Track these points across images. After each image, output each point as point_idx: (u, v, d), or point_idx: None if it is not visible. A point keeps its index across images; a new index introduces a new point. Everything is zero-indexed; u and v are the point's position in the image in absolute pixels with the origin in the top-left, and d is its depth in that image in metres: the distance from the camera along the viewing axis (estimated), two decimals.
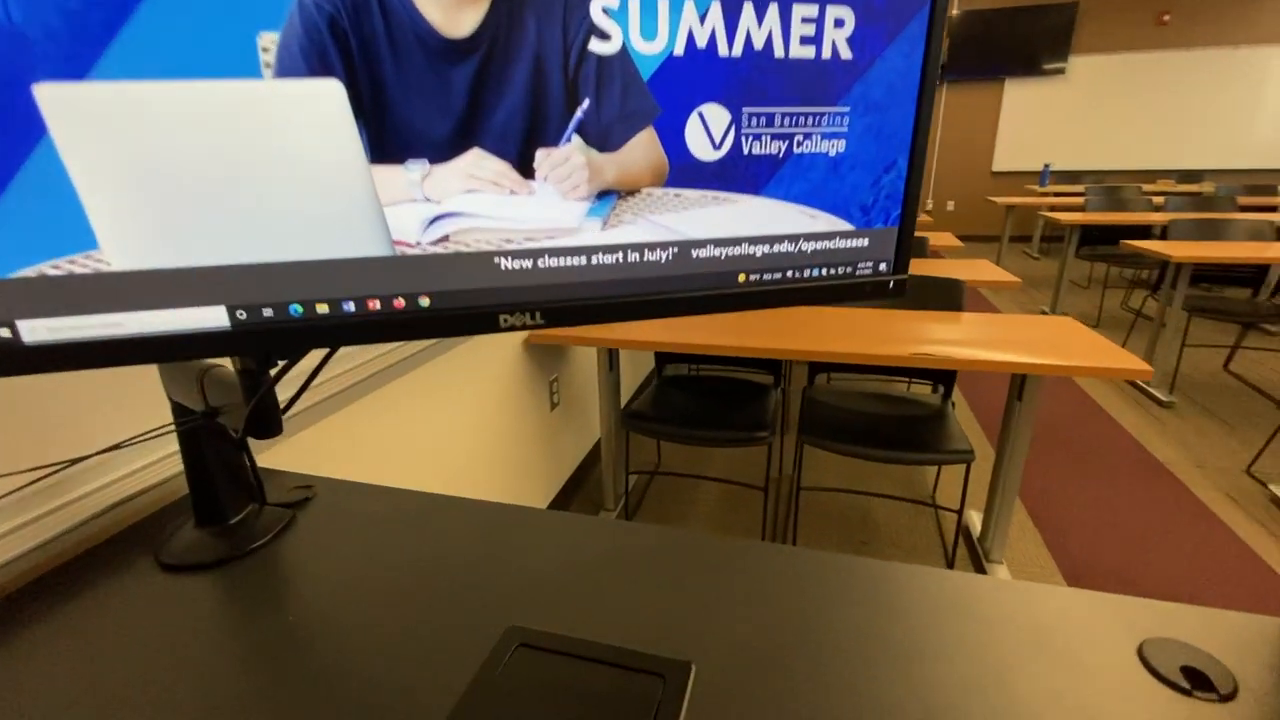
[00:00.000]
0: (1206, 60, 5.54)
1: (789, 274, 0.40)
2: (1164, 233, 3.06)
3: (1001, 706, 0.44)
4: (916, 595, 0.55)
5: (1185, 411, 2.66)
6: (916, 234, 2.53)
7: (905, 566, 0.59)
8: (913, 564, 0.59)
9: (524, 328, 0.36)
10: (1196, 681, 0.46)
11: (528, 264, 0.35)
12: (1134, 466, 2.25)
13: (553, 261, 0.36)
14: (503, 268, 0.35)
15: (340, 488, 0.76)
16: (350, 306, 0.34)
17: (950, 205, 6.42)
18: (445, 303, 0.35)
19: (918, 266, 2.22)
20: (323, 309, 0.34)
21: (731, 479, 2.26)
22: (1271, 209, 3.97)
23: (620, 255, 0.37)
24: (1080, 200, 4.47)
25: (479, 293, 0.35)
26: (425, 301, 0.35)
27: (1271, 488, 2.06)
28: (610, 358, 1.84)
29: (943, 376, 1.89)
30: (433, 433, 1.32)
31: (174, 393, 0.59)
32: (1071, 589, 0.56)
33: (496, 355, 1.56)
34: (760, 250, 0.39)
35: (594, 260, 0.36)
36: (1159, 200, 4.07)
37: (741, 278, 0.39)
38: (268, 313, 0.33)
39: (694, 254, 0.38)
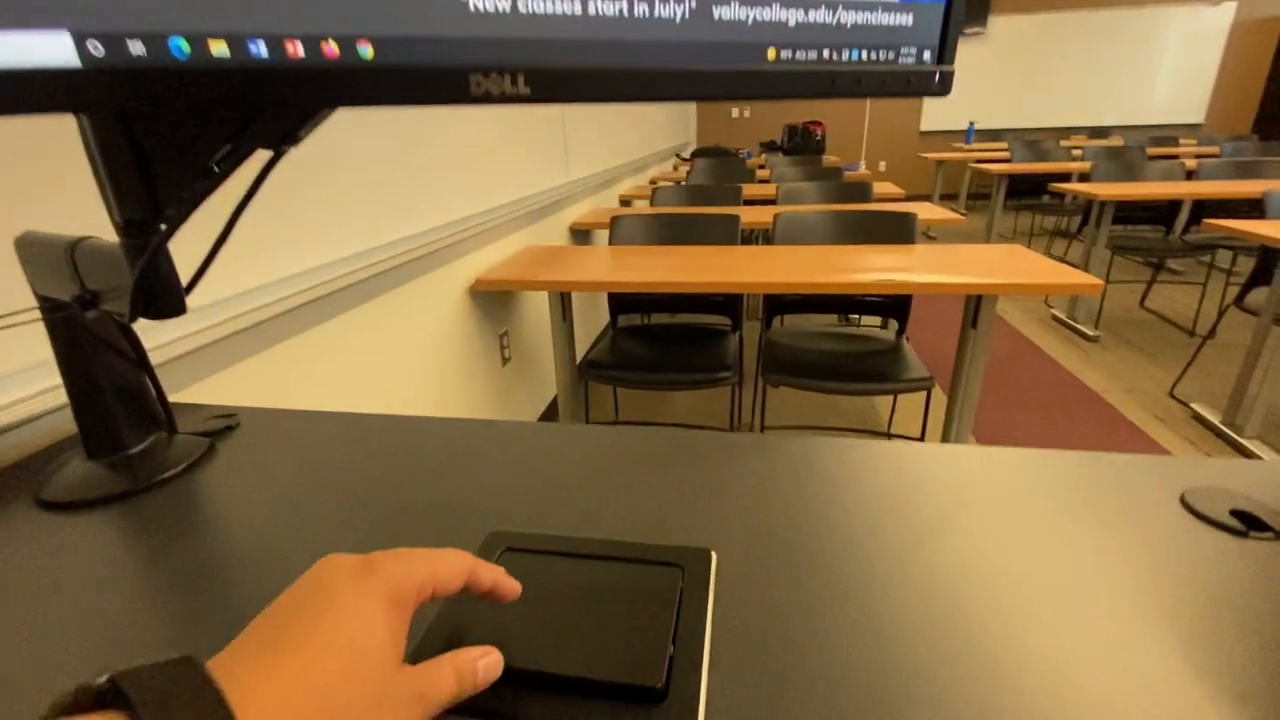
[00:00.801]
0: (1113, 20, 5.83)
1: (825, 54, 0.33)
2: (1085, 180, 3.19)
3: (1047, 570, 0.39)
4: (938, 471, 0.50)
5: (1110, 344, 2.80)
6: (860, 181, 2.53)
7: (923, 445, 0.54)
8: (932, 442, 0.54)
9: (504, 98, 0.28)
10: (1249, 523, 0.43)
11: (504, 5, 0.27)
12: (1070, 395, 2.35)
13: (538, 6, 0.27)
14: (472, 8, 0.26)
15: (270, 416, 0.65)
16: (259, 49, 0.24)
17: (882, 165, 6.56)
18: (395, 54, 0.26)
19: (864, 208, 2.21)
20: (219, 48, 0.24)
21: (693, 425, 2.22)
22: (1175, 157, 4.22)
23: (625, 5, 0.28)
24: (1004, 155, 4.63)
25: (441, 43, 0.26)
26: (367, 50, 0.26)
27: (1193, 406, 2.19)
28: (563, 305, 1.74)
29: (895, 312, 1.89)
30: (371, 391, 1.19)
31: (39, 282, 0.47)
32: (1099, 453, 0.52)
33: (440, 303, 1.43)
34: (794, 17, 0.31)
35: (591, 9, 0.28)
36: (1077, 152, 4.26)
37: (771, 54, 0.31)
38: (137, 48, 0.23)
39: (716, 13, 0.30)
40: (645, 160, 3.85)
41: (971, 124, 5.79)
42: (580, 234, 2.46)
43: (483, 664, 0.27)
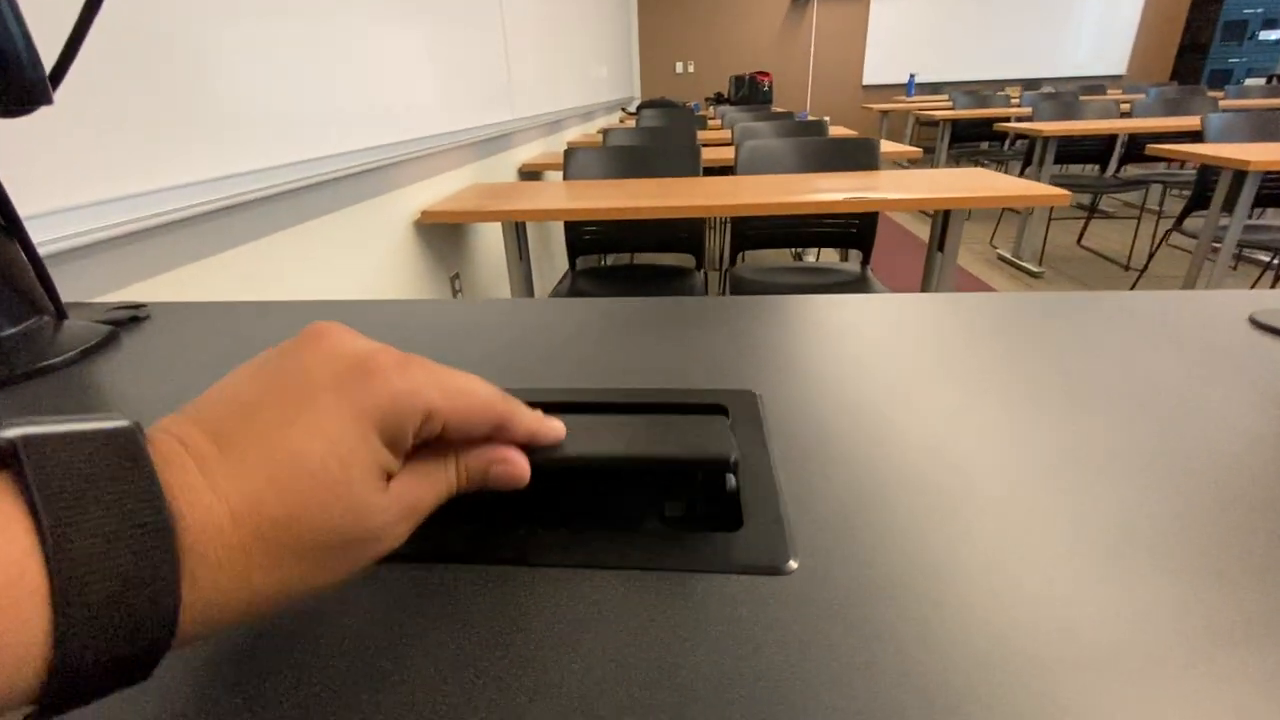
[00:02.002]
0: None
1: None
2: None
3: (1124, 390, 0.34)
4: (995, 315, 0.45)
5: (1053, 279, 2.90)
6: (816, 121, 2.47)
7: (973, 295, 0.49)
8: (987, 290, 0.49)
9: None
10: None
11: None
12: None
13: None
14: None
15: (192, 309, 0.54)
16: None
17: (827, 118, 6.57)
18: None
19: (828, 138, 2.16)
20: None
21: None
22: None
23: None
24: (946, 105, 4.69)
25: None
26: None
27: None
28: (519, 242, 1.63)
29: (859, 242, 1.87)
30: None
31: None
32: (1159, 291, 0.48)
33: (384, 236, 1.30)
34: None
35: None
36: (1015, 100, 4.36)
37: None
38: None
39: None
40: (591, 109, 3.70)
41: (912, 76, 5.85)
42: (530, 177, 2.33)
43: (497, 470, 0.20)
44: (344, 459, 0.16)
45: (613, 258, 2.69)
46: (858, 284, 1.71)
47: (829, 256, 2.81)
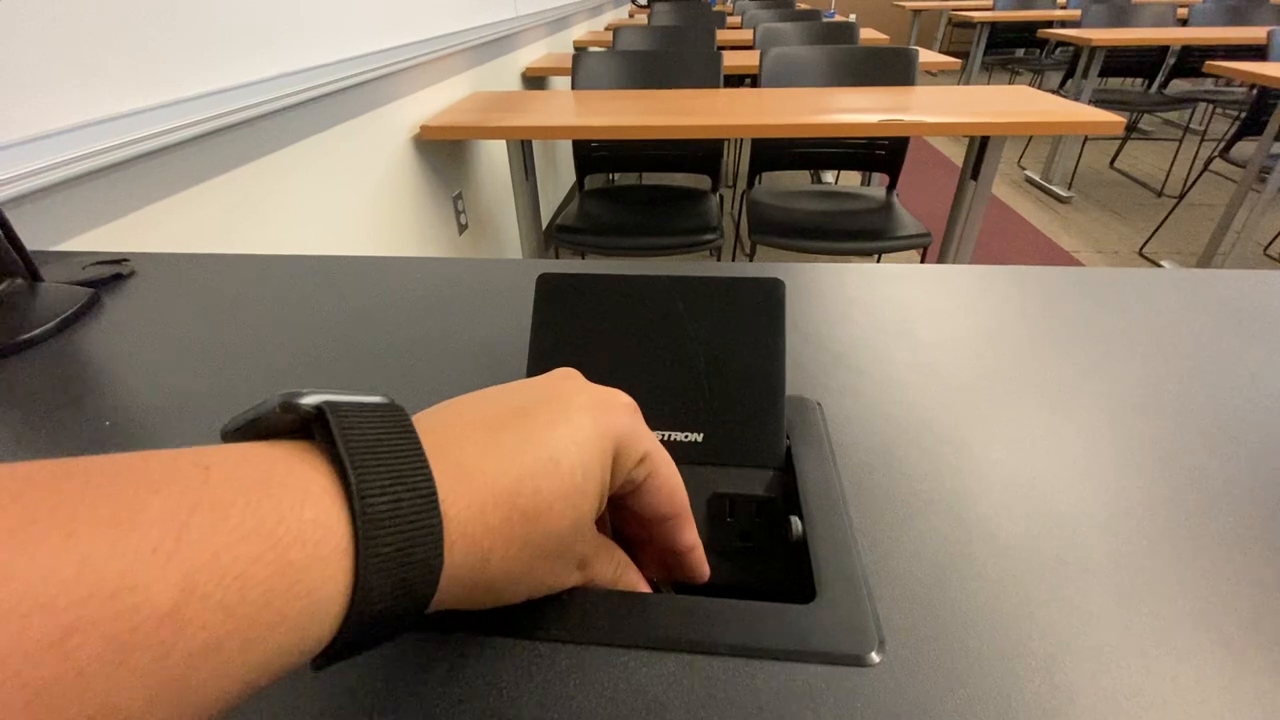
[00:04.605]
0: None
1: None
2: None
3: (1234, 420, 0.31)
4: (1091, 298, 0.41)
5: (1082, 205, 2.77)
6: (845, 24, 2.27)
7: (1072, 269, 0.44)
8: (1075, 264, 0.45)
9: None
10: None
11: None
12: (1044, 257, 2.33)
13: None
14: None
15: (180, 262, 0.49)
16: None
17: (853, 16, 6.08)
18: None
19: (860, 47, 1.99)
20: None
21: None
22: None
23: None
24: (985, 5, 4.31)
25: None
26: None
27: (1162, 264, 2.20)
28: (525, 160, 1.53)
29: (887, 165, 1.76)
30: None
31: None
32: (1229, 270, 0.44)
33: (382, 154, 1.21)
34: None
35: None
36: (1061, 1, 3.99)
37: None
38: None
39: None
40: (599, 2, 3.40)
41: None
42: (535, 82, 2.17)
43: (628, 579, 0.22)
44: (587, 471, 0.18)
45: (624, 175, 2.56)
46: (884, 211, 1.62)
47: (847, 178, 2.68)
